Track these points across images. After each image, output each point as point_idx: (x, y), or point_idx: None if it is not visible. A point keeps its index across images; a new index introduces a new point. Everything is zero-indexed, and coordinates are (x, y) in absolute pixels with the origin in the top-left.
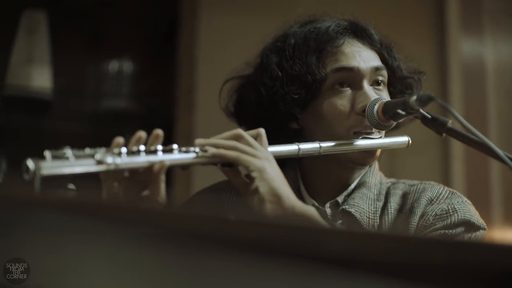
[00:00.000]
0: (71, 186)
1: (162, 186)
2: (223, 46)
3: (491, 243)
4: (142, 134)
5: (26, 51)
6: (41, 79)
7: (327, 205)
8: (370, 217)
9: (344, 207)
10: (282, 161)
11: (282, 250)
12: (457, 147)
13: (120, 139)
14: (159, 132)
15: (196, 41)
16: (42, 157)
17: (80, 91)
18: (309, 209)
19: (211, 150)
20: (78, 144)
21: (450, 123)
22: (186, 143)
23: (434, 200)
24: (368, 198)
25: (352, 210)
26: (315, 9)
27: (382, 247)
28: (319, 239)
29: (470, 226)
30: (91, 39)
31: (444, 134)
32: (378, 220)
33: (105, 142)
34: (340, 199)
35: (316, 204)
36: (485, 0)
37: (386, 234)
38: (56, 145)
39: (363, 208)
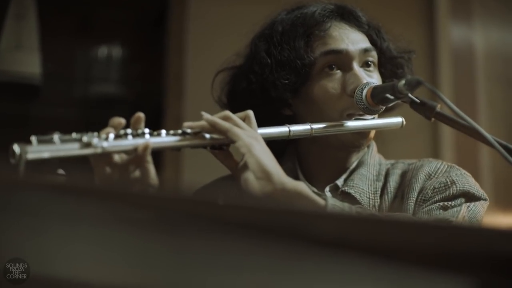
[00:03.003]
0: (60, 171)
1: (151, 168)
2: (212, 32)
3: (481, 227)
4: (121, 120)
5: (15, 37)
6: (30, 64)
7: (327, 189)
8: (370, 197)
9: (343, 189)
10: (281, 151)
11: (273, 232)
12: (447, 132)
13: (110, 128)
14: (140, 114)
15: (185, 26)
16: (29, 142)
17: (69, 76)
18: (299, 184)
19: (202, 123)
20: (67, 129)
21: (439, 107)
22: (176, 128)
23: (433, 174)
24: (367, 179)
25: (352, 191)
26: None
27: (372, 229)
28: (308, 221)
29: (469, 196)
30: (80, 24)
31: (433, 119)
32: (378, 200)
33: (95, 127)
34: (339, 182)
35: (316, 190)
36: None
37: (373, 217)
38: (45, 130)
39: (363, 189)
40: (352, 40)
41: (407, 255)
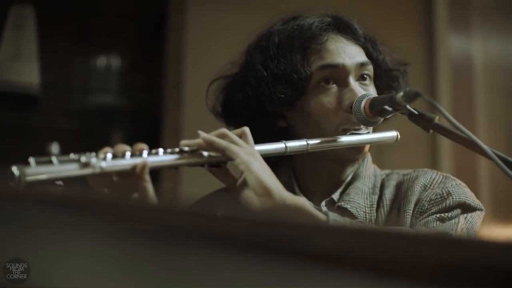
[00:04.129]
0: (59, 182)
1: (149, 187)
2: (211, 41)
3: (479, 240)
4: (126, 147)
5: (14, 46)
6: (28, 74)
7: (323, 203)
8: (367, 211)
9: (339, 204)
10: (276, 164)
11: (270, 246)
12: (445, 144)
13: (107, 148)
14: (143, 146)
15: (184, 36)
16: (27, 163)
17: (68, 86)
18: (300, 200)
19: (199, 141)
20: (66, 139)
21: (437, 119)
22: (174, 138)
23: (428, 186)
24: (363, 192)
25: (348, 206)
26: (302, 4)
27: (373, 243)
28: (307, 235)
29: (466, 207)
30: (79, 34)
31: (431, 131)
32: (374, 214)
33: (93, 138)
34: (335, 196)
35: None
36: None
37: (369, 230)
38: (44, 140)
39: (359, 203)
40: (348, 54)
41: (407, 269)
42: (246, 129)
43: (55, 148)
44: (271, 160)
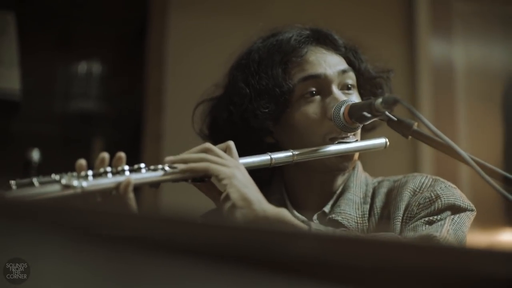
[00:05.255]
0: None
1: (132, 204)
2: (192, 46)
3: (458, 247)
4: (105, 155)
5: None
6: (9, 80)
7: (314, 217)
8: (358, 221)
9: (331, 216)
10: (268, 182)
11: (247, 254)
12: (426, 150)
13: (82, 161)
14: (121, 154)
15: (165, 41)
16: (8, 186)
17: (49, 92)
18: (281, 211)
19: (181, 167)
20: (47, 145)
21: (416, 125)
22: (156, 143)
23: (417, 190)
24: (354, 203)
25: (339, 218)
26: (282, 14)
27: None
28: (284, 243)
29: (455, 209)
30: (60, 40)
31: (410, 137)
32: (366, 223)
33: (75, 143)
34: (326, 209)
35: (304, 218)
36: (455, 2)
37: (351, 238)
38: (25, 146)
39: (350, 214)
40: (329, 63)
41: (389, 276)
42: (231, 143)
43: (36, 154)
44: (264, 177)
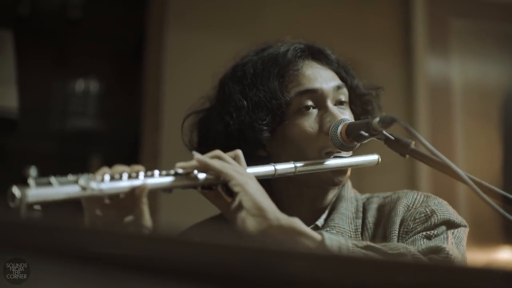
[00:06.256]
0: (37, 207)
1: (145, 209)
2: (189, 64)
3: (457, 265)
4: (123, 168)
5: None
6: (7, 98)
7: None
8: (352, 236)
9: (324, 230)
10: None
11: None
12: (424, 168)
13: (105, 168)
14: (140, 167)
15: (162, 59)
16: (26, 184)
17: (46, 110)
18: (294, 220)
19: (196, 156)
20: (44, 163)
21: (413, 144)
22: (153, 161)
23: (411, 206)
24: (347, 217)
25: (334, 232)
26: (280, 29)
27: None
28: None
29: (450, 224)
30: (57, 57)
31: (407, 156)
32: (360, 238)
33: (72, 161)
34: (319, 222)
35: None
36: (452, 21)
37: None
38: (22, 164)
39: (344, 228)
40: (325, 78)
41: None
42: (239, 152)
43: (33, 172)
44: None
